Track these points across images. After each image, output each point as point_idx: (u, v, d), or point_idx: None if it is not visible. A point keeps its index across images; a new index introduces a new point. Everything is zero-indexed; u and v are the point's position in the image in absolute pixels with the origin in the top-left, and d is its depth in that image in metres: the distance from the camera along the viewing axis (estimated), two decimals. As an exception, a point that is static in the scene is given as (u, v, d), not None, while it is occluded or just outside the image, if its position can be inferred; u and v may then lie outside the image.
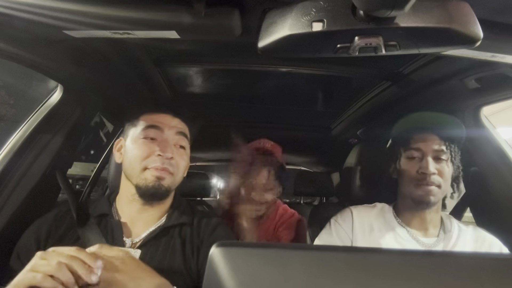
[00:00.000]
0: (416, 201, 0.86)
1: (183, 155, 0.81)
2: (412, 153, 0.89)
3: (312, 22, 0.51)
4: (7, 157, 0.93)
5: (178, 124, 0.81)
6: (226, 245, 0.34)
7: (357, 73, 1.19)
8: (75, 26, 0.63)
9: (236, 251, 0.34)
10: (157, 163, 0.74)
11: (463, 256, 0.40)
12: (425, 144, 0.88)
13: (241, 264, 0.32)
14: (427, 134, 0.89)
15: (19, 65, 0.82)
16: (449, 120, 0.91)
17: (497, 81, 0.90)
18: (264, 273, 0.32)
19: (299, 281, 0.31)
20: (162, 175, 0.75)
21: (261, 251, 0.34)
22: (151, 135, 0.77)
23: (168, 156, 0.75)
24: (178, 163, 0.78)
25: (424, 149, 0.88)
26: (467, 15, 0.51)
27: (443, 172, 0.86)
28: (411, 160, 0.89)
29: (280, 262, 0.33)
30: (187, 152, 0.83)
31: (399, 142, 0.94)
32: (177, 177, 0.79)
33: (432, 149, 0.87)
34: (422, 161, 0.87)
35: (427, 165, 0.85)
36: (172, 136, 0.79)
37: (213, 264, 0.32)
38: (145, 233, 0.77)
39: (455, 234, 0.89)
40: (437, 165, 0.86)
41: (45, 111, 1.00)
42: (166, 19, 0.61)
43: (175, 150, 0.79)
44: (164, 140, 0.77)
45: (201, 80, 1.35)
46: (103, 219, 0.78)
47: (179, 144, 0.80)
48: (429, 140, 0.88)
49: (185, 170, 0.83)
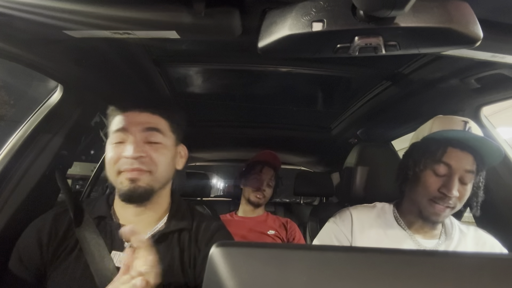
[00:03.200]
0: (424, 216, 0.83)
1: (160, 149, 0.76)
2: (440, 168, 0.81)
3: (312, 22, 0.51)
4: (7, 157, 0.93)
5: (146, 119, 0.76)
6: (226, 245, 0.34)
7: (357, 73, 1.19)
8: (75, 26, 0.63)
9: (236, 251, 0.34)
10: (127, 165, 0.72)
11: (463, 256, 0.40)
12: (457, 163, 0.79)
13: (241, 264, 0.32)
14: (462, 151, 0.80)
15: (19, 65, 0.82)
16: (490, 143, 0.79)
17: (497, 81, 0.90)
18: (264, 273, 0.32)
19: (299, 281, 0.31)
20: (134, 176, 0.72)
21: (261, 251, 0.34)
22: (119, 139, 0.75)
23: (135, 155, 0.71)
24: (154, 159, 0.74)
25: (454, 167, 0.79)
26: (467, 15, 0.51)
27: (464, 195, 0.80)
28: (436, 174, 0.81)
29: (280, 262, 0.33)
30: (165, 145, 0.77)
31: (430, 150, 0.83)
32: (158, 174, 0.75)
33: (462, 169, 0.79)
34: (448, 180, 0.79)
35: (452, 187, 0.78)
36: (139, 134, 0.74)
37: (213, 264, 0.32)
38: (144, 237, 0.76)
39: (456, 237, 0.87)
40: (460, 187, 0.79)
41: (45, 111, 1.00)
42: (166, 19, 0.61)
43: (147, 147, 0.74)
44: (131, 140, 0.74)
45: (201, 80, 1.35)
46: (102, 221, 0.77)
47: (150, 140, 0.75)
48: (463, 159, 0.80)
49: (168, 165, 0.78)
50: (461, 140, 0.81)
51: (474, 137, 0.79)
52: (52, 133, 1.01)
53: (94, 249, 0.72)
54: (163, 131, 0.77)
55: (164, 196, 0.81)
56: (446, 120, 0.88)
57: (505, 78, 0.88)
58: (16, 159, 0.94)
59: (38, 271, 0.72)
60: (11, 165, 0.92)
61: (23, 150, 0.95)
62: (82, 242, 0.73)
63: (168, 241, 0.76)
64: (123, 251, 0.73)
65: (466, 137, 0.80)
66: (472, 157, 0.80)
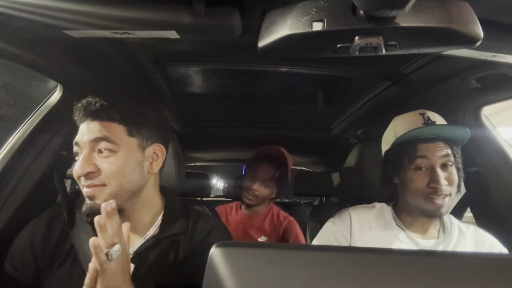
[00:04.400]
0: (427, 213, 0.83)
1: (110, 157, 0.68)
2: (419, 163, 0.83)
3: (312, 22, 0.51)
4: (7, 157, 0.92)
5: (95, 128, 0.69)
6: (226, 245, 0.34)
7: (357, 73, 1.19)
8: (75, 26, 0.63)
9: (236, 251, 0.34)
10: (81, 183, 0.68)
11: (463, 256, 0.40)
12: (432, 154, 0.82)
13: (241, 264, 0.32)
14: (432, 142, 0.84)
15: (19, 65, 0.82)
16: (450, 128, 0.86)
17: (497, 81, 0.90)
18: (264, 273, 0.31)
19: (299, 281, 0.31)
20: (90, 194, 0.68)
21: (261, 251, 0.34)
22: (75, 157, 0.71)
23: (82, 173, 0.66)
24: (105, 171, 0.67)
25: (432, 159, 0.82)
26: (467, 15, 0.51)
27: (452, 179, 0.82)
28: (419, 170, 0.84)
29: (280, 262, 0.33)
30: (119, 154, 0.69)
31: (403, 151, 0.87)
32: (116, 186, 0.68)
33: (440, 158, 0.82)
34: (432, 173, 0.81)
35: (439, 179, 0.79)
36: (89, 145, 0.68)
37: (213, 264, 0.32)
38: (138, 243, 0.74)
39: (455, 236, 0.87)
40: (446, 173, 0.81)
41: (44, 111, 1.00)
42: (166, 19, 0.61)
43: (98, 157, 0.68)
44: (82, 156, 0.69)
45: (201, 80, 1.35)
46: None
47: (99, 149, 0.68)
48: (436, 148, 0.83)
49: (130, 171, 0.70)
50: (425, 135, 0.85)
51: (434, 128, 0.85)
52: (51, 133, 1.01)
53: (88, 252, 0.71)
54: (114, 139, 0.69)
55: (146, 200, 0.76)
56: (405, 119, 0.93)
57: (505, 78, 0.88)
58: (15, 159, 0.94)
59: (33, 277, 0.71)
60: (11, 165, 0.92)
61: (23, 150, 0.95)
62: (76, 243, 0.72)
63: (162, 246, 0.74)
64: None
65: (428, 132, 0.85)
66: (443, 142, 0.84)
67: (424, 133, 0.85)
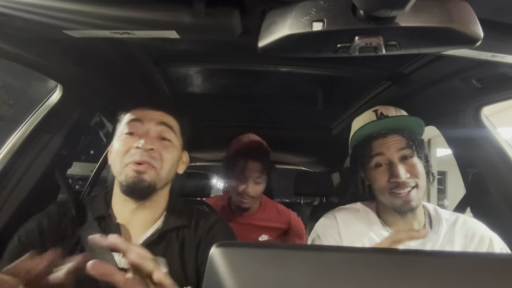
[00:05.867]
0: (398, 210, 0.81)
1: (169, 147, 0.76)
2: (377, 160, 0.82)
3: (312, 22, 0.51)
4: (7, 157, 0.93)
5: (160, 116, 0.77)
6: (226, 245, 0.34)
7: (357, 73, 1.19)
8: (75, 26, 0.63)
9: (236, 251, 0.34)
10: (136, 157, 0.71)
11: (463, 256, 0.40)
12: (388, 149, 0.81)
13: (241, 264, 0.32)
14: (385, 137, 0.82)
15: (19, 65, 0.82)
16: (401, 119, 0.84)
17: (497, 81, 0.90)
18: (264, 273, 0.31)
19: (299, 281, 0.31)
20: (141, 169, 0.71)
21: (262, 251, 0.34)
22: (131, 130, 0.75)
23: (146, 147, 0.71)
24: (161, 156, 0.74)
25: (388, 155, 0.81)
26: (467, 15, 0.51)
27: (415, 170, 0.79)
28: (379, 167, 0.82)
29: (280, 262, 0.33)
30: (175, 145, 0.78)
31: (360, 152, 0.86)
32: (162, 172, 0.74)
33: (396, 150, 0.80)
34: (391, 168, 0.80)
35: (398, 173, 0.78)
36: (153, 127, 0.75)
37: (213, 264, 0.32)
38: (143, 237, 0.76)
39: (442, 232, 0.83)
40: (407, 165, 0.80)
41: (44, 111, 1.00)
42: (166, 19, 0.61)
43: (157, 142, 0.74)
44: (143, 132, 0.74)
45: (201, 80, 1.35)
46: (102, 221, 0.77)
47: (162, 136, 0.76)
48: (390, 143, 0.81)
49: (173, 166, 0.78)
50: (376, 131, 0.83)
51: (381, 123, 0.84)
52: (51, 133, 1.01)
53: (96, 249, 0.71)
54: (175, 131, 0.79)
55: (163, 196, 0.81)
56: (360, 119, 0.92)
57: (505, 78, 0.87)
58: (16, 159, 0.94)
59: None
60: (11, 165, 0.93)
61: (23, 150, 0.95)
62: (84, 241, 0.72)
63: (167, 240, 0.76)
64: None
65: (377, 127, 0.84)
66: (397, 135, 0.82)
67: (373, 129, 0.84)
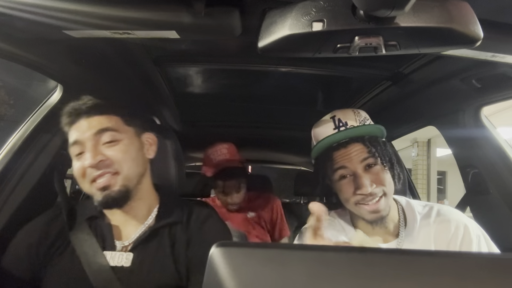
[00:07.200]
0: (367, 220, 0.78)
1: (116, 146, 0.73)
2: (340, 173, 0.78)
3: (312, 22, 0.51)
4: (6, 157, 0.92)
5: (96, 122, 0.73)
6: (226, 245, 0.34)
7: (357, 73, 1.19)
8: (75, 26, 0.63)
9: (236, 251, 0.34)
10: (92, 174, 0.70)
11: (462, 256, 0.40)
12: (347, 161, 0.77)
13: (241, 264, 0.32)
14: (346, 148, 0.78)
15: (19, 65, 0.82)
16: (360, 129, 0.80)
17: (497, 81, 0.90)
18: (264, 273, 0.32)
19: (299, 281, 0.31)
20: (103, 184, 0.70)
21: (261, 251, 0.34)
22: (78, 151, 0.73)
23: (94, 162, 0.69)
24: (113, 160, 0.71)
25: (350, 166, 0.77)
26: (467, 15, 0.51)
27: (381, 178, 0.76)
28: (343, 179, 0.78)
29: (280, 262, 0.33)
30: (123, 141, 0.74)
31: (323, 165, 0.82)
32: (126, 172, 0.72)
33: (358, 162, 0.76)
34: (356, 179, 0.76)
35: (362, 185, 0.74)
36: (94, 138, 0.72)
37: (213, 264, 0.32)
38: (135, 235, 0.76)
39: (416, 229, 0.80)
40: (371, 174, 0.76)
41: (44, 111, 1.00)
42: (166, 19, 0.61)
43: (104, 149, 0.72)
44: (89, 147, 0.71)
45: (201, 80, 1.35)
46: (94, 221, 0.77)
47: (106, 141, 0.73)
48: (351, 153, 0.77)
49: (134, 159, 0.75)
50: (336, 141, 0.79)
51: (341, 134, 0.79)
52: (52, 133, 1.01)
53: (88, 250, 0.72)
54: (116, 128, 0.75)
55: (145, 189, 0.79)
56: (318, 127, 0.87)
57: (505, 78, 0.88)
58: (16, 159, 0.94)
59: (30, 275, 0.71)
60: (11, 165, 0.92)
61: (23, 150, 0.95)
62: (75, 243, 0.73)
63: (159, 236, 0.76)
64: (115, 250, 0.74)
65: (337, 138, 0.79)
66: (358, 143, 0.77)
67: (333, 140, 0.79)
